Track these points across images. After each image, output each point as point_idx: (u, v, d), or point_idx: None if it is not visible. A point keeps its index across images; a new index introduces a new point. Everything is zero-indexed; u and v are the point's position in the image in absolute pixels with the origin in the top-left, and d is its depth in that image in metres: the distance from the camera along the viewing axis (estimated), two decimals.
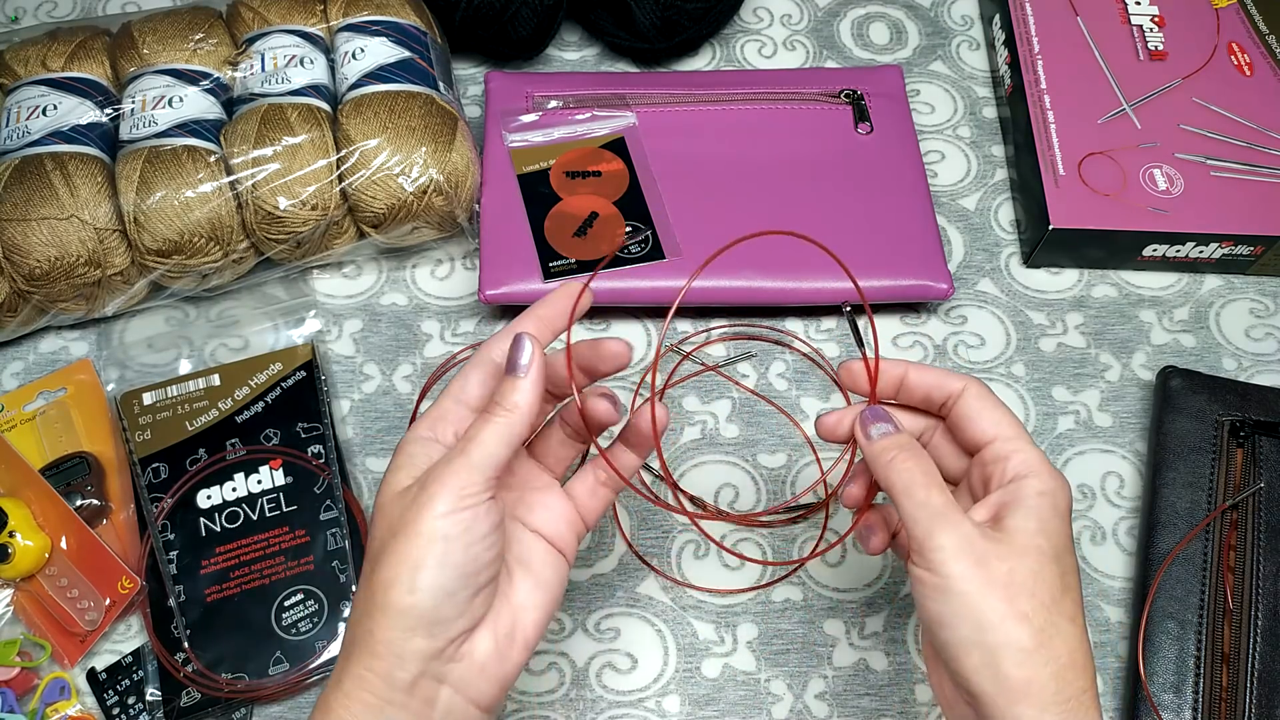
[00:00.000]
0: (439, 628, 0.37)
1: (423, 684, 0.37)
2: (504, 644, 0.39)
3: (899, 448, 0.41)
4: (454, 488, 0.37)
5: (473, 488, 0.37)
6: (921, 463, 0.40)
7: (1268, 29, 0.72)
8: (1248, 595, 0.54)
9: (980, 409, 0.42)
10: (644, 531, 0.59)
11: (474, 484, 0.37)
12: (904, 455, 0.41)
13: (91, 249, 0.58)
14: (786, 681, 0.55)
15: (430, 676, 0.37)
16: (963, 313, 0.66)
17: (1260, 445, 0.58)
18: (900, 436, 0.42)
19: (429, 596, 0.36)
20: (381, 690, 0.37)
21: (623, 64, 0.75)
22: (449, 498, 0.37)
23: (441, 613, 0.37)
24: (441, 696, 0.38)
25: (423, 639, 0.37)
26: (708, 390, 0.63)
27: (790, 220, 0.64)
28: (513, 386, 0.39)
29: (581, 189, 0.65)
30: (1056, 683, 0.36)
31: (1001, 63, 0.73)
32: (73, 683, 0.54)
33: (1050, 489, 0.40)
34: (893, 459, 0.41)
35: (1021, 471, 0.40)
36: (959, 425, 0.43)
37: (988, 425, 0.42)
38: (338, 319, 0.65)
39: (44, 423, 0.60)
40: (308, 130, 0.60)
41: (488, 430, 0.38)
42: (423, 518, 0.37)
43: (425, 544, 0.36)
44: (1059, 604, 0.38)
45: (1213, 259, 0.66)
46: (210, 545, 0.56)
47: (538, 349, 0.40)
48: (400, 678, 0.37)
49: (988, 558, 0.38)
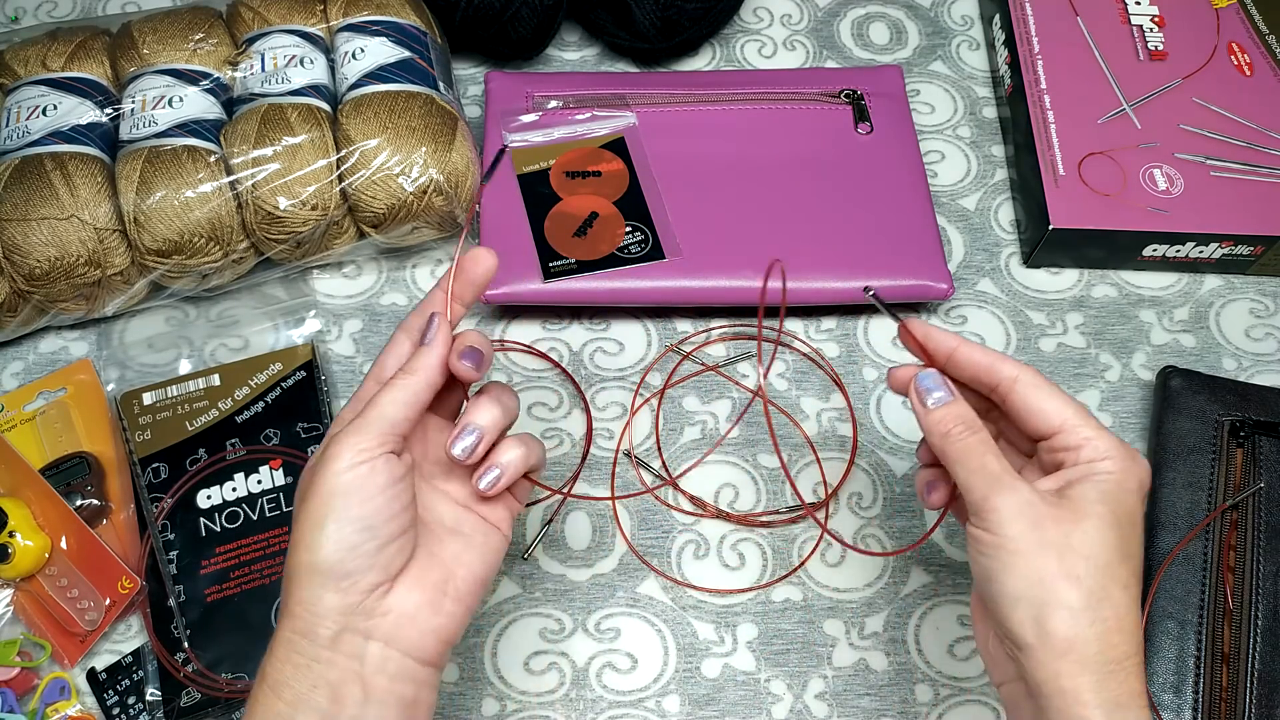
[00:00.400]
0: (346, 581, 0.38)
1: (346, 639, 0.38)
2: (435, 595, 0.40)
3: (955, 419, 0.42)
4: (350, 445, 0.39)
5: (368, 443, 0.39)
6: (977, 434, 0.42)
7: (1268, 29, 0.72)
8: (1248, 595, 0.54)
9: (1039, 399, 0.42)
10: (644, 531, 0.59)
11: (368, 440, 0.39)
12: (960, 428, 0.42)
13: (91, 249, 0.58)
14: (786, 681, 0.55)
15: (352, 631, 0.39)
16: (963, 313, 0.66)
17: (1260, 445, 0.58)
18: (956, 406, 0.43)
19: (331, 550, 0.38)
20: (307, 649, 0.38)
21: (623, 64, 0.75)
22: (346, 455, 0.38)
23: (346, 565, 0.38)
24: (370, 651, 0.39)
25: (334, 594, 0.38)
26: (708, 390, 0.63)
27: (790, 220, 0.64)
28: (419, 353, 0.41)
29: (581, 189, 0.65)
30: (1100, 644, 0.37)
31: (1001, 63, 0.73)
32: (73, 683, 0.54)
33: (1121, 468, 0.40)
34: (949, 431, 0.42)
35: (1095, 457, 0.40)
36: (1019, 416, 0.43)
37: (1050, 415, 0.42)
38: (338, 319, 0.65)
39: (44, 423, 0.60)
40: (308, 130, 0.60)
41: (385, 393, 0.40)
42: (323, 475, 0.38)
43: (325, 500, 0.38)
44: (1113, 570, 0.38)
45: (1213, 259, 0.66)
46: (210, 545, 0.56)
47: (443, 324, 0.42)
48: (321, 634, 0.38)
49: (1044, 520, 0.39)
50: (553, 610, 0.57)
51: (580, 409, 0.62)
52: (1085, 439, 0.41)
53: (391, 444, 0.40)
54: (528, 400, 0.62)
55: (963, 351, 0.44)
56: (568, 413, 0.62)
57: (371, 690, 0.39)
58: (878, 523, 0.59)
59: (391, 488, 0.39)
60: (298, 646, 0.38)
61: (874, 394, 0.63)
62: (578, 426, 0.62)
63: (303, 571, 0.38)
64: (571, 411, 0.62)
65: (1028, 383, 0.42)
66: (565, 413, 0.62)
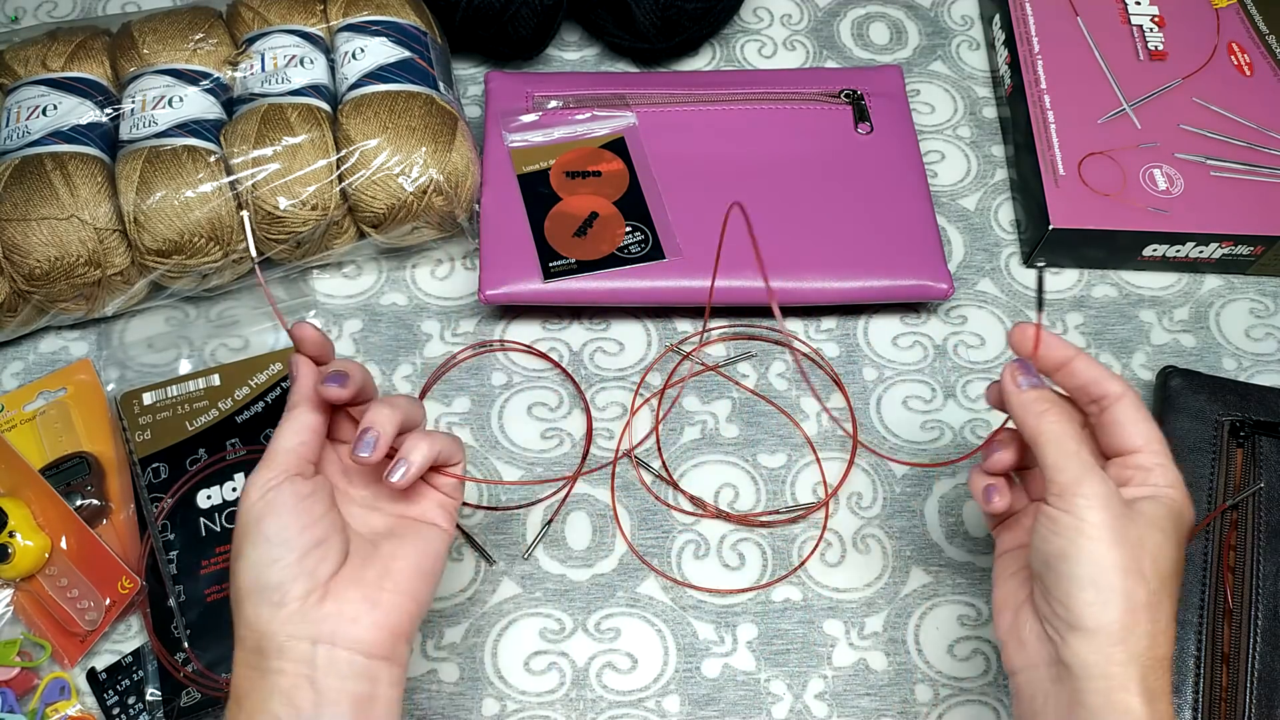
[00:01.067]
0: (275, 593, 0.41)
1: (291, 646, 0.41)
2: (372, 591, 0.42)
3: (1050, 401, 0.43)
4: (256, 482, 0.42)
5: (270, 474, 0.42)
6: (1073, 420, 0.43)
7: (1268, 29, 0.72)
8: (1248, 595, 0.54)
9: (1135, 418, 0.44)
10: (644, 531, 0.59)
11: (270, 472, 0.43)
12: (1055, 409, 0.43)
13: (91, 249, 0.58)
14: (786, 681, 0.55)
15: (296, 639, 0.41)
16: (963, 313, 0.66)
17: (1260, 445, 0.58)
18: (1049, 392, 0.44)
19: (253, 569, 0.41)
20: (258, 662, 0.41)
21: (623, 64, 0.75)
22: (254, 490, 0.42)
23: (270, 578, 0.41)
24: (319, 654, 0.41)
25: (268, 608, 0.41)
26: (708, 390, 0.63)
27: (790, 220, 0.64)
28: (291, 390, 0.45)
29: (581, 189, 0.65)
30: (1149, 640, 0.40)
31: (1001, 63, 0.73)
32: (73, 683, 0.54)
33: (1182, 502, 0.43)
34: (1044, 410, 0.43)
35: (1162, 484, 0.43)
36: (1109, 428, 0.44)
37: (1139, 436, 0.44)
38: (338, 319, 0.65)
39: (44, 423, 0.60)
40: (308, 130, 0.60)
41: (279, 430, 0.44)
42: (240, 513, 0.42)
43: (242, 530, 0.42)
44: (1169, 581, 0.41)
45: (1213, 259, 0.66)
46: (210, 545, 0.56)
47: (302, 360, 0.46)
48: (268, 647, 0.41)
49: (1123, 517, 0.40)
50: (553, 610, 0.57)
51: (580, 409, 0.62)
52: (1158, 464, 0.43)
53: (294, 469, 0.43)
54: (528, 400, 0.62)
55: (1079, 363, 0.45)
56: (568, 413, 0.62)
57: (324, 692, 0.41)
58: (877, 523, 0.59)
59: (300, 504, 0.42)
60: (250, 661, 0.41)
61: (874, 394, 0.63)
62: (578, 426, 0.62)
63: (239, 596, 0.42)
64: (572, 411, 0.62)
65: (1130, 401, 0.44)
66: (565, 413, 0.62)
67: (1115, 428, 0.44)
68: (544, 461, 0.61)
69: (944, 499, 0.60)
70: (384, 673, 0.42)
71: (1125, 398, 0.44)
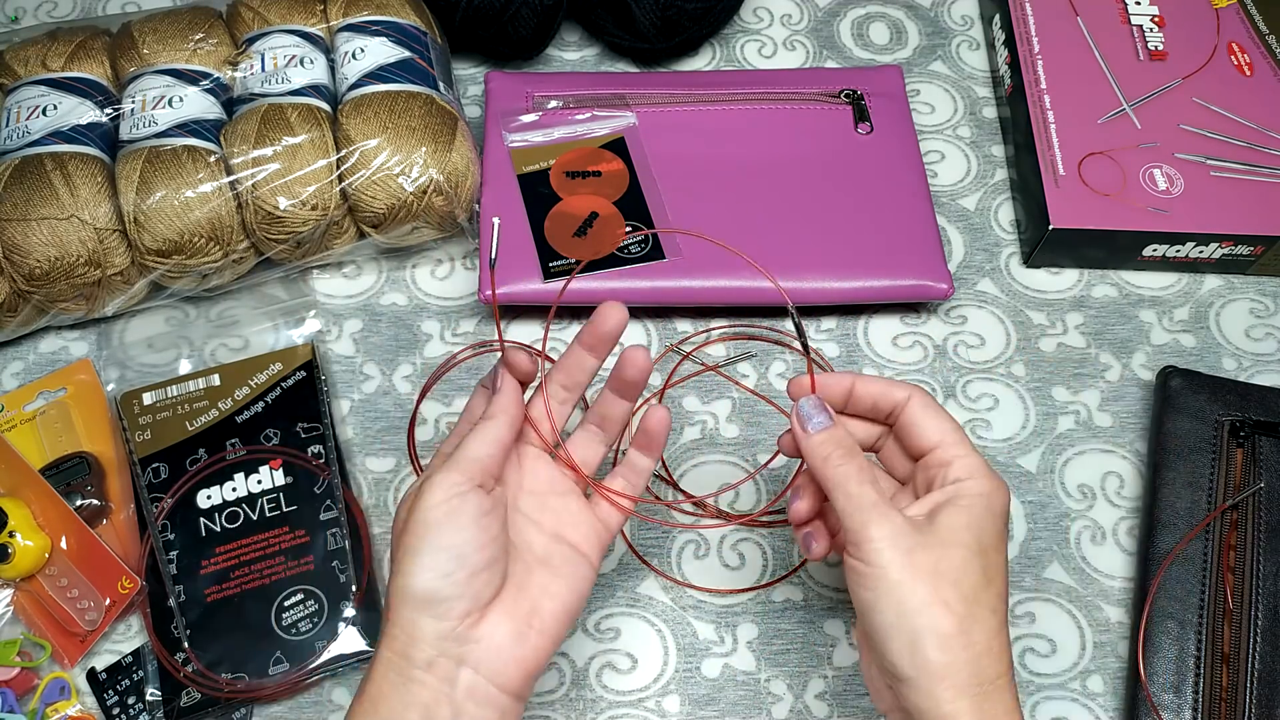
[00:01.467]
0: (441, 607, 0.41)
1: (440, 663, 0.41)
2: (523, 627, 0.43)
3: (834, 444, 0.43)
4: (442, 482, 0.42)
5: (458, 479, 0.42)
6: (855, 459, 0.43)
7: (1268, 29, 0.72)
8: (1248, 595, 0.54)
9: (924, 417, 0.44)
10: (644, 531, 0.59)
11: (458, 476, 0.42)
12: (839, 452, 0.43)
13: (91, 249, 0.58)
14: (786, 681, 0.55)
15: (446, 656, 0.41)
16: (963, 313, 0.66)
17: (1260, 445, 0.58)
18: (835, 432, 0.44)
19: (426, 577, 0.41)
20: (403, 668, 0.41)
21: (623, 64, 0.75)
22: (439, 491, 0.42)
23: (441, 592, 0.41)
24: (462, 676, 0.41)
25: (429, 619, 0.41)
26: (708, 390, 0.63)
27: (790, 220, 0.64)
28: (495, 400, 0.45)
29: (581, 189, 0.65)
30: (973, 667, 0.39)
31: (1001, 63, 0.73)
32: (73, 683, 0.54)
33: (987, 490, 0.42)
34: (828, 455, 0.43)
35: (962, 476, 0.42)
36: (904, 432, 0.45)
37: (931, 432, 0.44)
38: (338, 319, 0.65)
39: (44, 423, 0.60)
40: (308, 130, 0.60)
41: (472, 436, 0.44)
42: (420, 508, 0.42)
43: (421, 532, 0.41)
44: (981, 595, 0.40)
45: (1213, 259, 0.66)
46: (210, 545, 0.56)
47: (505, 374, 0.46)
48: (417, 656, 0.40)
49: (915, 549, 0.40)
50: None
51: (581, 409, 0.62)
52: (955, 455, 0.43)
53: (480, 480, 0.43)
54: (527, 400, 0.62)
55: (859, 385, 0.46)
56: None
57: (460, 713, 0.41)
58: None
59: (480, 519, 0.42)
60: (395, 666, 0.41)
61: None
62: None
63: (402, 596, 0.41)
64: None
65: (917, 403, 0.44)
66: None
67: (909, 430, 0.44)
68: None
69: None
70: (512, 708, 0.42)
71: (913, 399, 0.44)
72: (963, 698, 0.38)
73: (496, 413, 0.45)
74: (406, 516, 0.42)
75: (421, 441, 0.61)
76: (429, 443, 0.61)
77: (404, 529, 0.42)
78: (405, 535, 0.42)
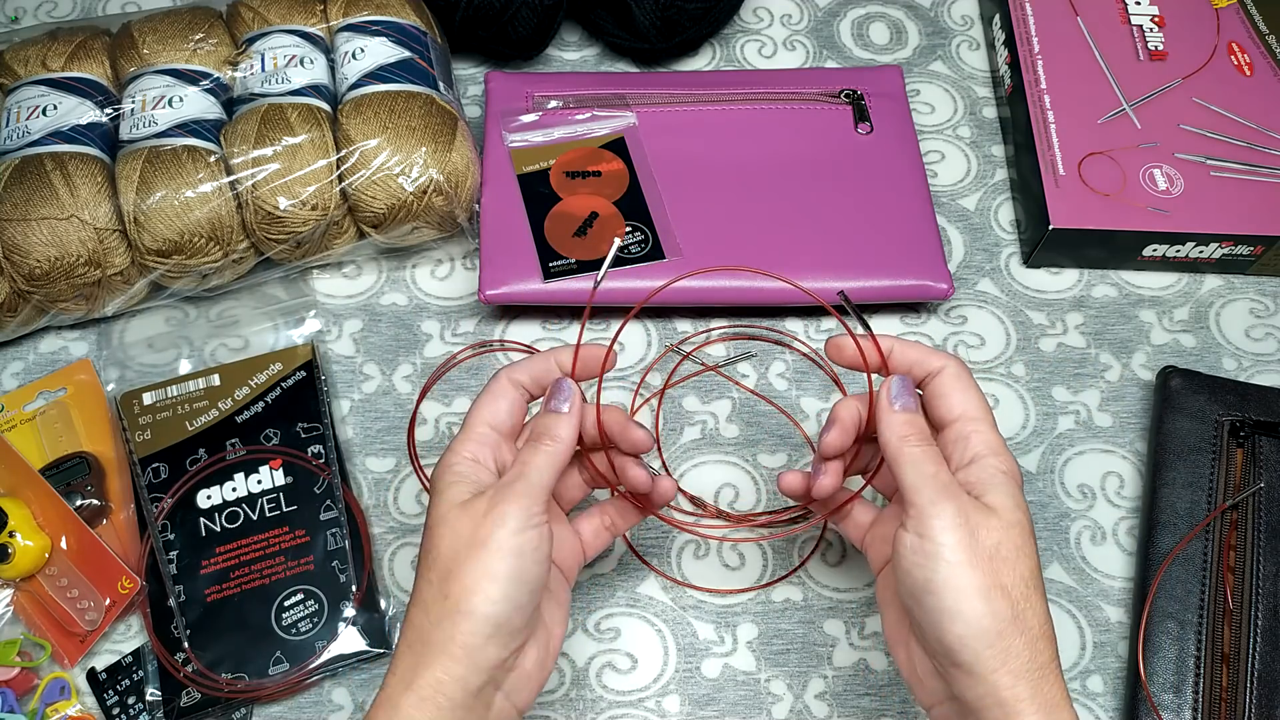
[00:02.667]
0: (510, 638, 0.40)
1: (486, 690, 0.40)
2: (542, 652, 0.43)
3: (914, 427, 0.43)
4: (523, 508, 0.41)
5: (535, 508, 0.41)
6: (931, 446, 0.43)
7: (1268, 29, 0.72)
8: (1248, 595, 0.54)
9: (953, 388, 0.44)
10: (644, 531, 0.59)
11: (536, 505, 0.41)
12: (917, 435, 0.43)
13: (91, 249, 0.58)
14: (786, 681, 0.55)
15: (493, 684, 0.41)
16: (963, 313, 0.66)
17: (1260, 445, 0.58)
18: (917, 417, 0.43)
19: (506, 606, 0.40)
20: (456, 694, 0.39)
21: (623, 64, 0.75)
22: (520, 515, 0.40)
23: (514, 623, 0.40)
24: (496, 702, 0.41)
25: (495, 647, 0.40)
26: (708, 390, 0.63)
27: (790, 220, 0.64)
28: (557, 421, 0.44)
29: (581, 189, 0.65)
30: (1030, 652, 0.38)
31: (1001, 63, 0.73)
32: (73, 683, 0.54)
33: (1009, 469, 0.42)
34: (907, 435, 0.42)
35: (981, 451, 0.42)
36: (932, 401, 0.44)
37: (956, 403, 0.43)
38: (338, 319, 0.65)
39: (44, 423, 0.60)
40: (308, 130, 0.60)
41: (540, 458, 0.43)
42: (499, 534, 0.40)
43: (501, 558, 0.40)
44: (1034, 578, 0.40)
45: (1213, 259, 0.66)
46: (210, 545, 0.56)
47: (577, 391, 0.45)
48: (473, 683, 0.40)
49: (979, 530, 0.39)
50: None
51: None
52: (975, 430, 0.42)
53: (545, 507, 0.42)
54: None
55: (898, 349, 0.46)
56: None
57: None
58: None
59: (548, 553, 0.42)
60: (447, 689, 0.39)
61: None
62: None
63: (478, 619, 0.39)
64: None
65: (950, 372, 0.44)
66: None
67: (936, 399, 0.44)
68: None
69: None
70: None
71: (946, 369, 0.44)
72: (1021, 682, 0.38)
73: (563, 437, 0.43)
74: (473, 528, 0.40)
75: (422, 441, 0.61)
76: (429, 443, 0.61)
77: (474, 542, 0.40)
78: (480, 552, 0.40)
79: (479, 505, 0.41)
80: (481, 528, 0.40)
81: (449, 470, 0.43)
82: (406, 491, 0.60)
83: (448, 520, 0.41)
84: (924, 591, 0.39)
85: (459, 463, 0.43)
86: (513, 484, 0.41)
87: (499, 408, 0.45)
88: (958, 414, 0.43)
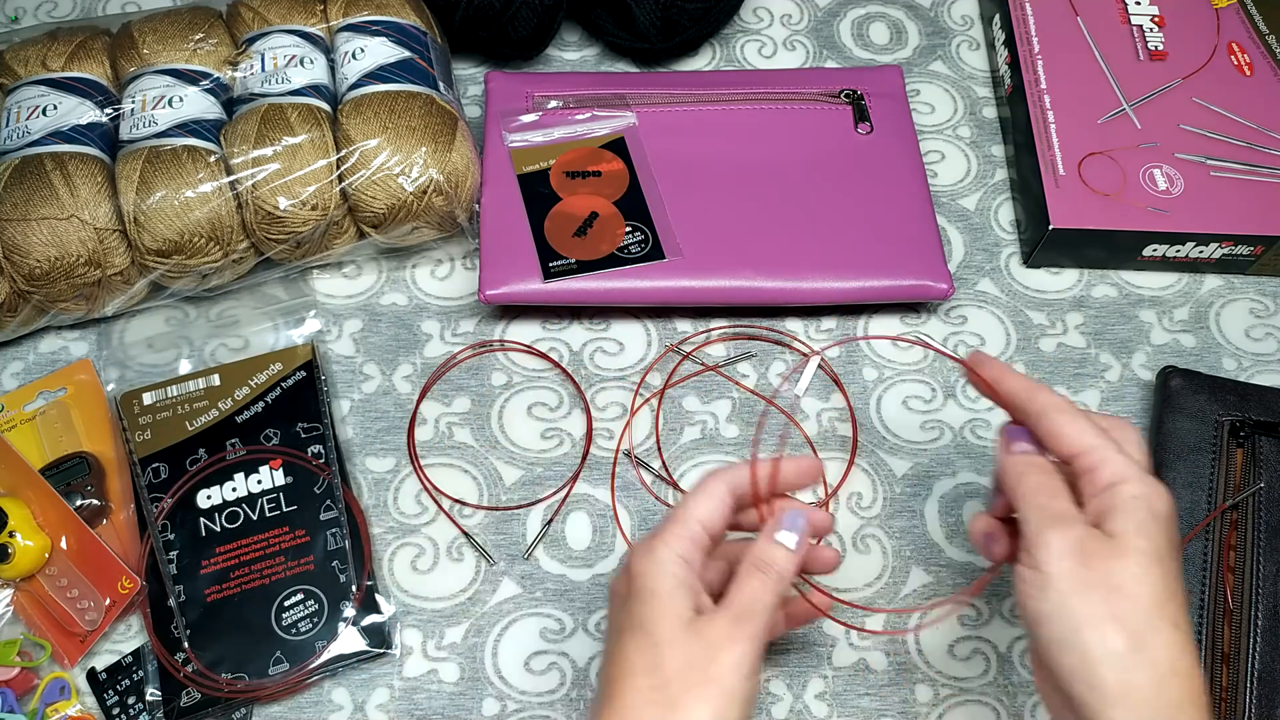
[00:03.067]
0: None
1: None
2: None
3: (1033, 465, 0.42)
4: (756, 651, 0.40)
5: (760, 647, 0.40)
6: (1050, 476, 0.42)
7: (1268, 29, 0.72)
8: (1248, 595, 0.54)
9: (1063, 423, 0.42)
10: (644, 531, 0.59)
11: (762, 645, 0.41)
12: (1035, 469, 0.42)
13: (91, 249, 0.58)
14: (786, 681, 0.55)
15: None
16: (963, 313, 0.66)
17: (1260, 445, 0.58)
18: (1037, 458, 0.43)
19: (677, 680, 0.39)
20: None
21: (623, 64, 0.75)
22: (753, 658, 0.40)
23: None
24: None
25: None
26: (708, 390, 0.63)
27: (790, 220, 0.64)
28: (788, 558, 0.43)
29: (581, 189, 0.65)
30: (1156, 689, 0.36)
31: (1001, 63, 0.73)
32: (73, 683, 0.54)
33: (1143, 493, 0.39)
34: (1023, 472, 0.42)
35: (1114, 480, 0.40)
36: (1047, 441, 0.43)
37: (1073, 439, 0.42)
38: (338, 319, 0.65)
39: (44, 423, 0.60)
40: (308, 130, 0.60)
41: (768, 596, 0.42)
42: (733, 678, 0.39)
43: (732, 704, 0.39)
44: (1161, 608, 0.37)
45: (1213, 259, 0.66)
46: (210, 545, 0.56)
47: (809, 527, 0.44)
48: None
49: (1091, 559, 0.38)
50: (553, 610, 0.57)
51: (580, 409, 0.62)
52: (1101, 460, 0.40)
53: None
54: (528, 400, 0.62)
55: (1007, 380, 0.45)
56: (568, 413, 0.62)
57: None
58: (878, 523, 0.59)
59: None
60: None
61: (874, 394, 0.63)
62: (578, 427, 0.62)
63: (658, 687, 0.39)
64: (572, 412, 0.62)
65: (1054, 406, 0.43)
66: (565, 413, 0.62)
67: (1050, 440, 0.43)
68: (544, 461, 0.61)
69: (944, 499, 0.60)
70: None
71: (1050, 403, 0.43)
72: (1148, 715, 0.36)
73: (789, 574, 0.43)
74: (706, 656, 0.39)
75: (421, 441, 0.61)
76: (429, 443, 0.61)
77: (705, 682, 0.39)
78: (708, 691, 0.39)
79: (711, 634, 0.40)
80: (716, 664, 0.39)
81: (662, 567, 0.42)
82: (406, 491, 0.60)
83: (678, 642, 0.40)
84: (1036, 623, 0.39)
85: (672, 560, 0.42)
86: (746, 621, 0.41)
87: (713, 509, 0.44)
88: (1077, 448, 0.41)
